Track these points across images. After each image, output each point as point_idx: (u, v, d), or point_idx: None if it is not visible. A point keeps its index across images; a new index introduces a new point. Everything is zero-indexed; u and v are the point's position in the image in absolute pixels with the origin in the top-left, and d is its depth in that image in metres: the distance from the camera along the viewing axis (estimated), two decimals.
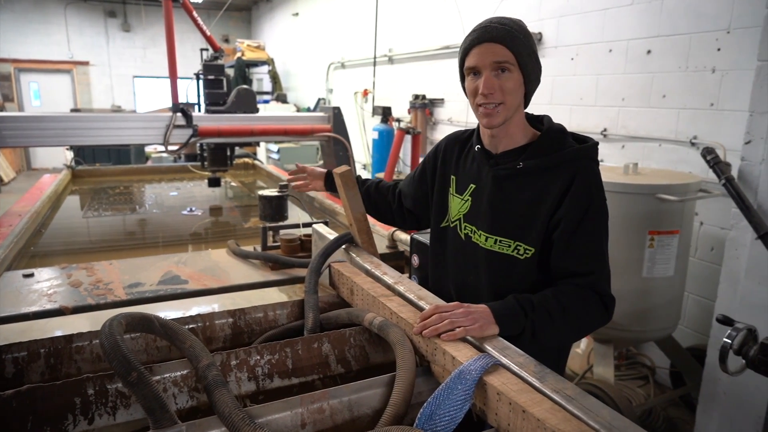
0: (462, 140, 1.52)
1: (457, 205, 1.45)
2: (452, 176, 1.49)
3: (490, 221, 1.36)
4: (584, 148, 1.31)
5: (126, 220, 3.46)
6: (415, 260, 2.05)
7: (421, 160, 5.99)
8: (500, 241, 1.35)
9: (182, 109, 3.33)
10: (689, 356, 2.96)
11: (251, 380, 1.12)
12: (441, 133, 5.60)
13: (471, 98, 1.33)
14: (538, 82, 1.34)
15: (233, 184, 4.92)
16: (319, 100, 8.90)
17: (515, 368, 0.98)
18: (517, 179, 1.33)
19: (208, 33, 4.05)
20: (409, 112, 5.81)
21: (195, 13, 3.88)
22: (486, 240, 1.37)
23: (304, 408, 0.97)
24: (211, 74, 3.79)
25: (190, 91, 3.83)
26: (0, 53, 11.12)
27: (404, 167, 5.84)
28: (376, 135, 6.11)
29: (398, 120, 6.07)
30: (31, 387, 0.94)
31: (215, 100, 3.75)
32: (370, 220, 1.76)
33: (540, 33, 4.20)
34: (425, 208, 1.62)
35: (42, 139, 3.14)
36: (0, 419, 0.90)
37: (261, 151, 8.19)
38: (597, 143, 1.36)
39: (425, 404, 0.93)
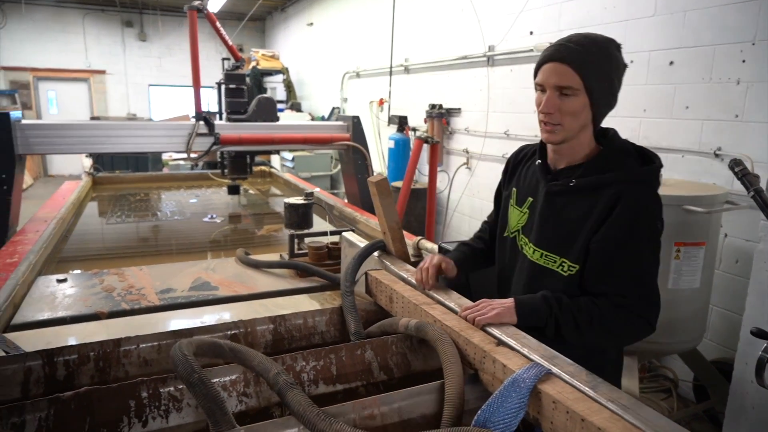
0: (526, 154, 1.54)
1: (516, 216, 1.48)
2: (514, 188, 1.52)
3: (538, 235, 1.39)
4: (637, 172, 1.29)
5: (148, 226, 3.48)
6: None
7: (439, 169, 5.98)
8: (546, 255, 1.37)
9: (205, 118, 3.37)
10: (714, 370, 2.93)
11: (297, 386, 1.12)
12: (458, 143, 5.60)
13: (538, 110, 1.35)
14: (609, 105, 1.34)
15: (250, 191, 4.95)
16: (334, 109, 8.96)
17: (567, 377, 0.97)
18: (569, 196, 1.34)
19: (230, 43, 4.10)
20: (425, 122, 5.83)
21: (218, 23, 3.93)
22: (533, 252, 1.40)
23: (356, 414, 0.98)
24: (233, 83, 3.83)
25: (211, 100, 3.87)
26: (20, 62, 11.33)
27: (420, 176, 5.85)
28: (392, 144, 6.13)
29: (414, 129, 6.08)
30: (89, 389, 0.95)
31: (236, 109, 3.78)
32: None
33: None
34: None
35: (66, 146, 3.19)
36: (60, 420, 0.91)
37: (275, 159, 8.23)
38: (657, 167, 1.32)
39: (479, 411, 0.93)
